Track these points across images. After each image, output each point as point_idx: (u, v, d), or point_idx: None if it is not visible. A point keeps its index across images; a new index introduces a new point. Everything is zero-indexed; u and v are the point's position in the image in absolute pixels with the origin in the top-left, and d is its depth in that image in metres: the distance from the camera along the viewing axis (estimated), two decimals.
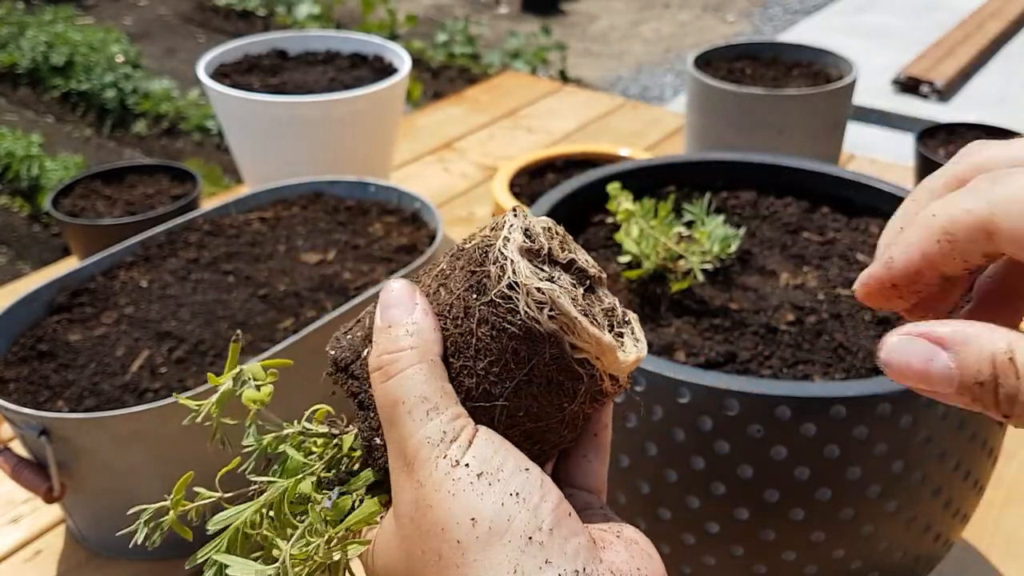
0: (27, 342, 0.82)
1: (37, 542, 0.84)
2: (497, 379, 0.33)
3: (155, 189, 1.20)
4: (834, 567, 0.60)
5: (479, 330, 0.33)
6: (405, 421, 0.31)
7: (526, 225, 0.35)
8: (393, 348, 0.32)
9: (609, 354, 0.33)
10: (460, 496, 0.29)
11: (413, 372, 0.32)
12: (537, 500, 0.30)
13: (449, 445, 0.30)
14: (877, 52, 3.04)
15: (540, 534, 0.29)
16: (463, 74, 3.50)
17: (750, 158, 0.86)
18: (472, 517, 0.29)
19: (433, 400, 0.31)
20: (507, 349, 0.32)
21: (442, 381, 0.32)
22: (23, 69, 3.52)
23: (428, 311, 0.33)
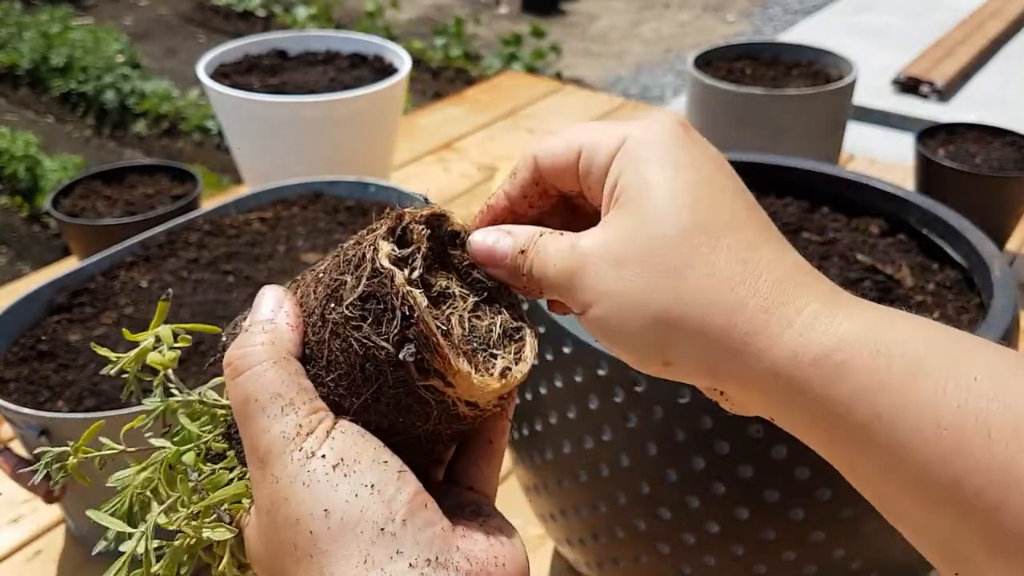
0: (27, 342, 0.82)
1: (37, 542, 0.84)
2: (346, 392, 0.32)
3: (155, 189, 1.20)
4: (834, 567, 0.60)
5: (331, 342, 0.32)
6: (258, 417, 0.32)
7: (406, 226, 0.34)
8: (245, 344, 0.33)
9: (463, 381, 0.32)
10: (314, 487, 0.30)
11: (263, 369, 0.32)
12: (392, 492, 0.30)
13: (305, 438, 0.31)
14: (877, 52, 3.04)
15: (393, 525, 0.29)
16: (463, 75, 3.50)
17: (750, 158, 0.86)
18: (325, 508, 0.29)
19: (287, 396, 0.32)
20: (354, 366, 0.32)
21: (297, 377, 0.32)
22: (23, 69, 3.52)
23: (290, 312, 0.34)
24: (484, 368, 0.33)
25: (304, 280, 0.36)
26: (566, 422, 0.62)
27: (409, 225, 0.35)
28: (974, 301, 0.72)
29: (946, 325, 0.31)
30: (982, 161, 1.21)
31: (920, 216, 0.78)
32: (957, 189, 1.15)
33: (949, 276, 0.75)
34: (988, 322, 0.61)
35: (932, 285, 0.74)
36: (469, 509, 0.34)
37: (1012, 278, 0.66)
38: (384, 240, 0.33)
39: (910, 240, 0.79)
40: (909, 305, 0.73)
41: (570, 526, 0.67)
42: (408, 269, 0.33)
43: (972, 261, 0.72)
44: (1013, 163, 1.20)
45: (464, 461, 0.37)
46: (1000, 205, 1.17)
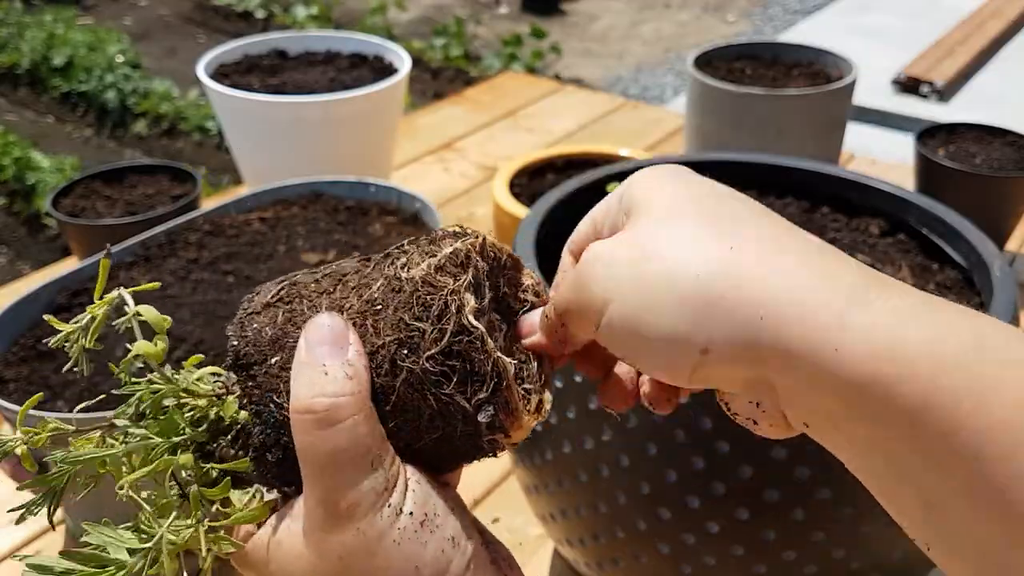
0: (27, 342, 0.82)
1: (37, 542, 0.84)
2: (407, 435, 0.32)
3: (155, 189, 1.20)
4: (834, 567, 0.60)
5: (402, 389, 0.31)
6: (346, 471, 0.30)
7: (477, 275, 0.33)
8: (332, 392, 0.30)
9: (522, 431, 0.33)
10: (405, 545, 0.30)
11: (354, 423, 0.30)
12: (464, 542, 0.31)
13: (392, 493, 0.31)
14: (877, 52, 3.04)
15: (469, 572, 0.31)
16: (462, 75, 3.50)
17: (750, 158, 0.86)
18: (416, 566, 0.30)
19: (375, 450, 0.31)
20: (422, 415, 0.32)
21: (379, 426, 0.31)
22: (23, 69, 3.52)
23: (362, 352, 0.32)
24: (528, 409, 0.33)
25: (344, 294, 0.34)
26: (566, 422, 0.62)
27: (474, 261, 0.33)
28: (974, 301, 0.72)
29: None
30: (982, 161, 1.21)
31: (920, 216, 0.78)
32: (957, 189, 1.15)
33: (949, 276, 0.75)
34: None
35: (932, 285, 0.74)
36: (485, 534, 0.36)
37: (1012, 278, 0.66)
38: (467, 291, 0.32)
39: (910, 240, 0.79)
40: None
41: (570, 526, 0.67)
42: (485, 319, 0.33)
43: (972, 261, 0.72)
44: (1013, 163, 1.20)
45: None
46: (1000, 205, 1.17)
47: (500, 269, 0.36)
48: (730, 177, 0.86)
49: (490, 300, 0.34)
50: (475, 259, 0.33)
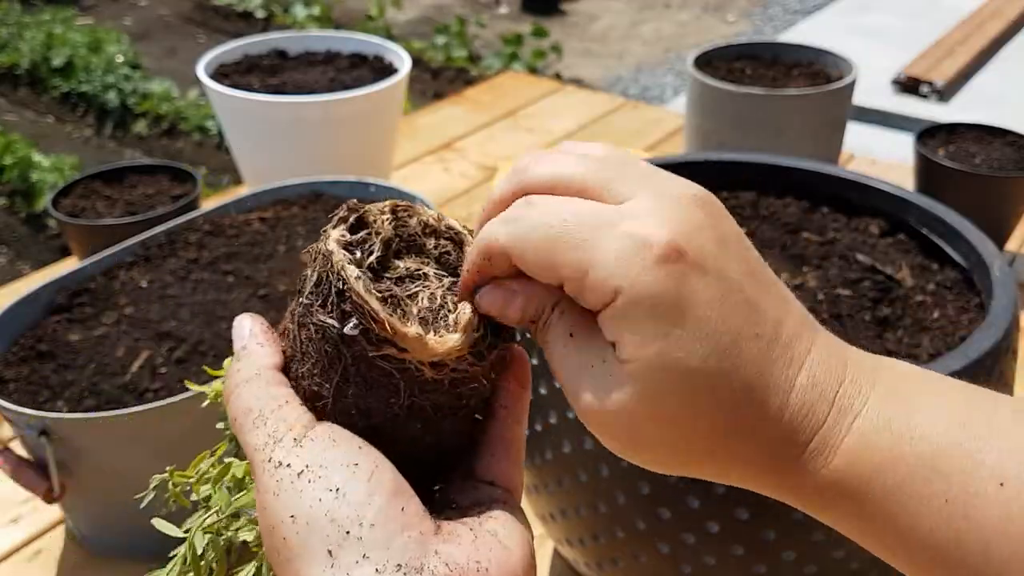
0: (27, 342, 0.82)
1: (37, 542, 0.84)
2: (320, 380, 0.33)
3: (155, 189, 1.20)
4: (834, 567, 0.60)
5: (299, 333, 0.34)
6: (240, 434, 0.33)
7: (361, 216, 0.35)
8: (225, 379, 0.35)
9: (414, 343, 0.32)
10: (282, 495, 0.30)
11: (240, 390, 0.34)
12: (361, 496, 0.30)
13: (273, 447, 0.32)
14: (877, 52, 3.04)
15: (360, 529, 0.29)
16: (463, 75, 3.50)
17: (750, 158, 0.86)
18: (292, 515, 0.30)
19: (256, 409, 0.33)
20: (320, 351, 0.33)
21: (268, 388, 0.34)
22: (23, 70, 3.52)
23: (258, 332, 0.36)
24: (438, 330, 0.33)
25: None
26: (566, 422, 0.62)
27: (370, 216, 0.35)
28: (974, 301, 0.72)
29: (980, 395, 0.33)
30: (982, 161, 1.21)
31: (920, 216, 0.78)
32: (957, 189, 1.15)
33: (949, 276, 0.75)
34: (988, 322, 0.61)
35: (932, 285, 0.74)
36: (479, 508, 0.33)
37: (1012, 278, 0.66)
38: (335, 228, 0.34)
39: (910, 240, 0.79)
40: (909, 305, 0.73)
41: (570, 526, 0.67)
42: (363, 252, 0.34)
43: (972, 261, 0.72)
44: (1013, 163, 1.20)
45: (482, 455, 0.36)
46: (1000, 205, 1.17)
47: (432, 233, 0.37)
48: (730, 177, 0.86)
49: (414, 253, 0.36)
50: (362, 209, 0.35)
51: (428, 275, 0.35)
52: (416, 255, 0.36)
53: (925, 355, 0.67)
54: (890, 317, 0.71)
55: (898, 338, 0.70)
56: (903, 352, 0.68)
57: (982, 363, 0.58)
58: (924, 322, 0.71)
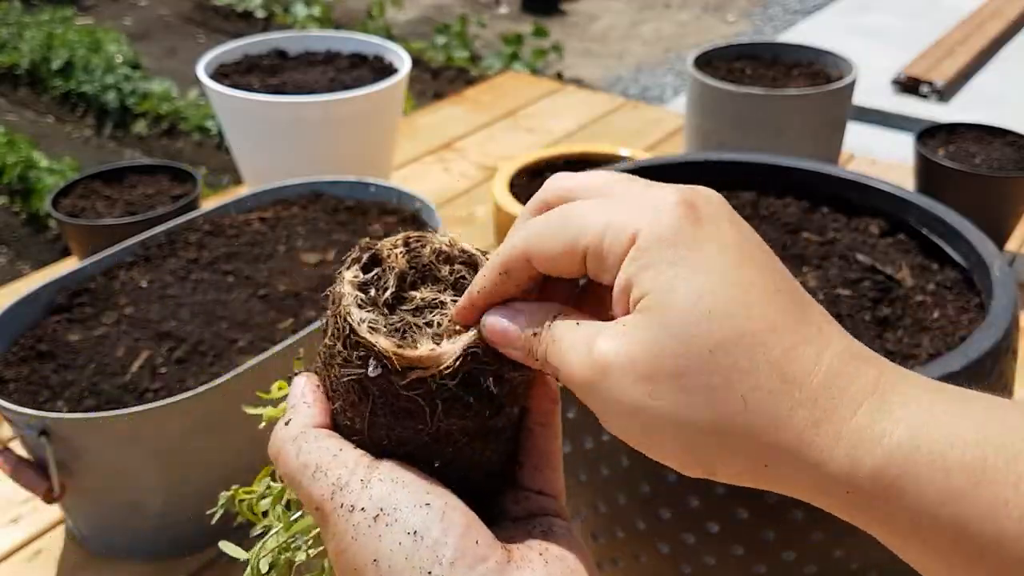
0: (27, 342, 0.82)
1: (37, 542, 0.84)
2: (353, 414, 0.35)
3: (155, 189, 1.20)
4: (834, 567, 0.60)
5: (329, 373, 0.35)
6: (300, 489, 0.34)
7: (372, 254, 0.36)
8: (273, 435, 0.36)
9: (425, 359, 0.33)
10: (360, 540, 0.32)
11: (288, 448, 0.35)
12: (437, 534, 0.31)
13: (342, 494, 0.33)
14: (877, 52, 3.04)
15: (440, 568, 0.31)
16: (463, 75, 3.50)
17: (750, 158, 0.86)
18: (374, 559, 0.31)
19: (313, 464, 0.34)
20: (348, 388, 0.34)
21: (318, 441, 0.35)
22: (23, 70, 3.52)
23: (307, 392, 0.37)
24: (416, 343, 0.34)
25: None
26: (566, 422, 0.62)
27: (383, 252, 0.36)
28: (974, 301, 0.72)
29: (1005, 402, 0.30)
30: (982, 161, 1.21)
31: (920, 216, 0.78)
32: (957, 189, 1.15)
33: (949, 276, 0.75)
34: (988, 322, 0.61)
35: (932, 285, 0.74)
36: (539, 526, 0.35)
37: (1012, 278, 0.66)
38: (348, 269, 0.35)
39: (910, 240, 0.79)
40: (909, 305, 0.73)
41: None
42: (377, 290, 0.35)
43: (972, 261, 0.72)
44: (1013, 163, 1.20)
45: (526, 468, 0.38)
46: (1000, 205, 1.17)
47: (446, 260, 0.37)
48: (730, 177, 0.86)
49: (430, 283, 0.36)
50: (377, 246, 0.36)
51: (445, 302, 0.36)
52: (432, 284, 0.37)
53: (925, 355, 0.67)
54: (890, 317, 0.71)
55: (898, 338, 0.70)
56: (903, 352, 0.68)
57: (982, 363, 0.58)
58: (924, 322, 0.71)
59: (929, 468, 0.28)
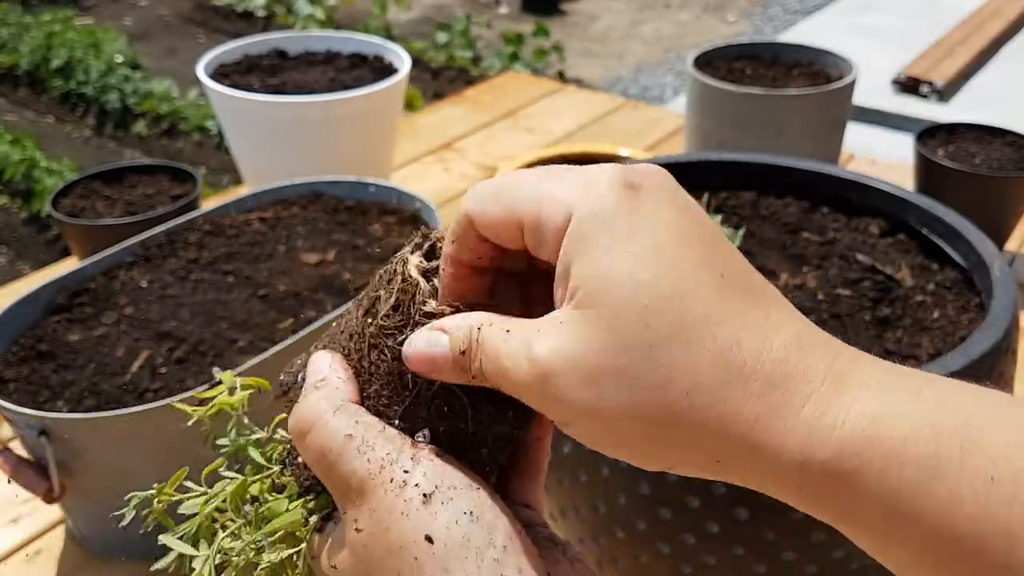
0: (27, 342, 0.82)
1: (37, 542, 0.84)
2: (388, 401, 0.34)
3: (155, 189, 1.20)
4: (834, 567, 0.60)
5: (371, 354, 0.34)
6: (339, 464, 0.32)
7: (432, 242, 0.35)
8: (304, 406, 0.34)
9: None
10: (413, 516, 0.30)
11: (325, 421, 0.33)
12: (491, 518, 0.31)
13: (392, 468, 0.31)
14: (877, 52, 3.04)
15: (495, 551, 0.30)
16: (463, 75, 3.50)
17: (750, 158, 0.86)
18: (427, 536, 0.30)
19: (359, 435, 0.32)
20: (392, 373, 0.33)
21: (360, 416, 0.33)
22: (23, 70, 3.52)
23: (339, 367, 0.35)
24: None
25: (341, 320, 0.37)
26: None
27: (436, 243, 0.36)
28: (974, 301, 0.72)
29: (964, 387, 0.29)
30: (982, 161, 1.21)
31: (920, 216, 0.78)
32: (957, 189, 1.15)
33: (949, 276, 0.75)
34: (988, 322, 0.61)
35: (932, 285, 0.74)
36: (533, 529, 0.35)
37: (1012, 278, 0.66)
38: (412, 254, 0.35)
39: (910, 240, 0.79)
40: (909, 305, 0.73)
41: (570, 526, 0.67)
42: (437, 279, 0.34)
43: (972, 261, 0.72)
44: (1013, 163, 1.20)
45: (520, 480, 0.37)
46: (1000, 205, 1.17)
47: None
48: (730, 177, 0.86)
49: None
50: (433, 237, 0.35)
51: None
52: None
53: (925, 355, 0.67)
54: (890, 317, 0.71)
55: (898, 338, 0.70)
56: (903, 352, 0.68)
57: (982, 363, 0.58)
58: (924, 322, 0.71)
59: (883, 461, 0.27)
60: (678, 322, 0.28)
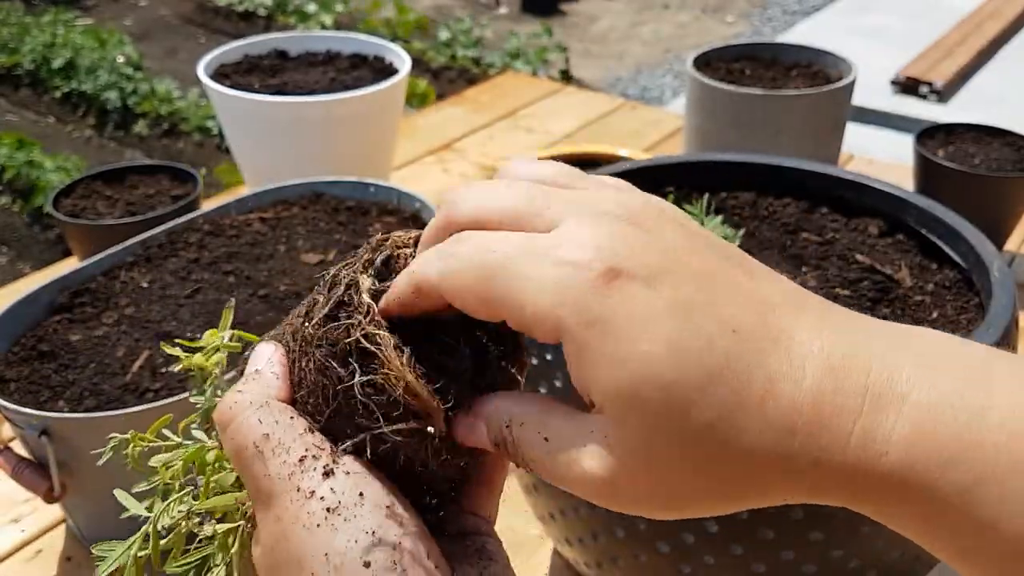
0: (28, 342, 0.82)
1: (37, 542, 0.84)
2: (313, 409, 0.33)
3: (156, 189, 1.20)
4: (832, 566, 0.60)
5: (301, 360, 0.33)
6: (253, 463, 0.32)
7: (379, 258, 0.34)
8: (228, 398, 0.34)
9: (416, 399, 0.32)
10: (313, 530, 0.30)
11: (246, 416, 0.32)
12: (393, 539, 0.30)
13: (300, 477, 0.31)
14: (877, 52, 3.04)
15: (393, 574, 0.29)
16: (463, 75, 3.50)
17: (749, 158, 0.86)
18: (325, 552, 0.30)
19: (275, 437, 0.32)
20: (318, 383, 0.32)
21: (283, 415, 0.33)
22: (24, 70, 3.53)
23: (276, 362, 0.35)
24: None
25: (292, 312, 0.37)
26: None
27: (395, 255, 0.34)
28: (973, 301, 0.72)
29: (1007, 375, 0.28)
30: (981, 161, 1.21)
31: (919, 216, 0.78)
32: (956, 189, 1.15)
33: (948, 276, 0.75)
34: (987, 322, 0.61)
35: (931, 285, 0.74)
36: (473, 544, 0.34)
37: (1011, 278, 0.66)
38: (363, 273, 0.33)
39: (909, 240, 0.79)
40: (908, 305, 0.73)
41: (570, 526, 0.67)
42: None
43: (971, 261, 0.72)
44: (1012, 163, 1.20)
45: (473, 491, 0.37)
46: (999, 205, 1.17)
47: None
48: (729, 178, 0.86)
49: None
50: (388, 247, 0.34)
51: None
52: None
53: None
54: (889, 317, 0.71)
55: None
56: None
57: None
58: (923, 322, 0.71)
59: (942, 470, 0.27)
60: (699, 413, 0.28)
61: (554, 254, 0.29)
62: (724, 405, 0.28)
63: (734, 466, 0.29)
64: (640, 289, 0.28)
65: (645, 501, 0.30)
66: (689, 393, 0.28)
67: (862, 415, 0.28)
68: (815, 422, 0.28)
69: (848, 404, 0.28)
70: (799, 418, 0.28)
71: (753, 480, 0.29)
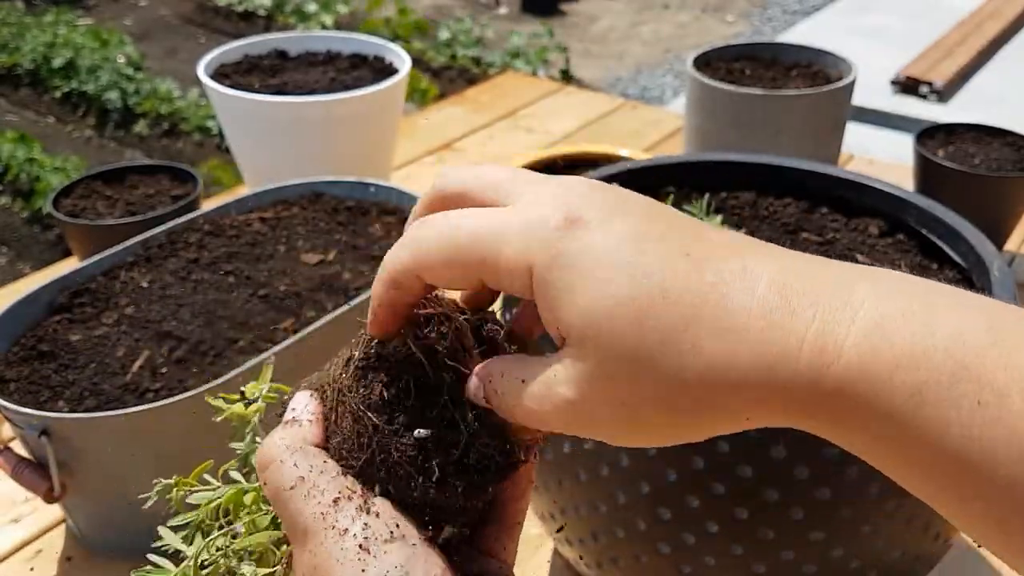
0: (28, 342, 0.82)
1: (37, 542, 0.84)
2: (347, 455, 0.35)
3: (156, 189, 1.20)
4: (833, 566, 0.60)
5: (339, 408, 0.36)
6: (289, 504, 0.34)
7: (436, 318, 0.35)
8: (266, 443, 0.36)
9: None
10: (346, 565, 0.32)
11: (285, 458, 0.35)
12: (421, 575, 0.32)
13: (336, 516, 0.33)
14: (877, 52, 3.04)
15: None
16: (464, 74, 3.50)
17: (749, 158, 0.86)
18: None
19: (309, 480, 0.34)
20: (354, 432, 0.35)
21: (316, 460, 0.35)
22: (24, 70, 3.53)
23: (311, 409, 0.37)
24: None
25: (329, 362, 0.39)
26: None
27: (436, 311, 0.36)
28: None
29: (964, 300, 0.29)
30: (981, 161, 1.21)
31: (919, 216, 0.78)
32: (956, 189, 1.15)
33: (948, 276, 0.75)
34: None
35: None
36: None
37: (1011, 278, 0.66)
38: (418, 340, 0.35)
39: (909, 240, 0.79)
40: None
41: (570, 526, 0.67)
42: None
43: (971, 261, 0.72)
44: (1012, 163, 1.20)
45: (493, 535, 0.38)
46: (999, 205, 1.17)
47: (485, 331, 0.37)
48: (729, 177, 0.86)
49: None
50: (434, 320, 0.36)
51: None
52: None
53: None
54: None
55: None
56: None
57: None
58: None
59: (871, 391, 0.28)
60: (660, 326, 0.30)
61: (520, 214, 0.32)
62: (679, 319, 0.29)
63: (689, 384, 0.29)
64: (597, 227, 0.31)
65: (610, 423, 0.31)
66: (643, 311, 0.29)
67: (815, 322, 0.29)
68: (767, 331, 0.29)
69: (801, 313, 0.29)
70: (752, 329, 0.29)
71: (709, 398, 0.30)
